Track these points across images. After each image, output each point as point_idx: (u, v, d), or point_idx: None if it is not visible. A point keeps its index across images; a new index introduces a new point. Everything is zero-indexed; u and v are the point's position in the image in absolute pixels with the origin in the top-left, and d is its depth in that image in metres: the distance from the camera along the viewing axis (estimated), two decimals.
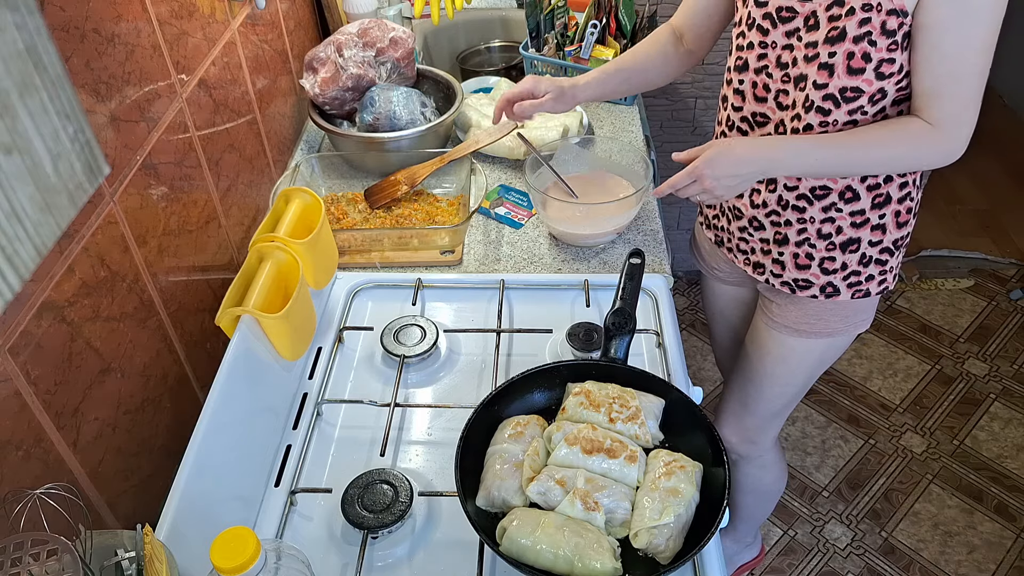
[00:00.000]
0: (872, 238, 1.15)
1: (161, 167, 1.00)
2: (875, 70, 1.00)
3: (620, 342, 1.04)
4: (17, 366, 0.73)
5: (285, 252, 1.08)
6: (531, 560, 0.84)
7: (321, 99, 1.48)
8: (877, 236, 1.15)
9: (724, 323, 1.54)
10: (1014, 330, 2.52)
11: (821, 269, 1.18)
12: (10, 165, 0.33)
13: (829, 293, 1.20)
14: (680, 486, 0.89)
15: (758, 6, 1.07)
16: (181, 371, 1.07)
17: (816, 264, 1.18)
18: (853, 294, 1.19)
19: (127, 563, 0.72)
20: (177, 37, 1.04)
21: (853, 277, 1.18)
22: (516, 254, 1.35)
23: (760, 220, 1.20)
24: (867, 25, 0.97)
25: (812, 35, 1.02)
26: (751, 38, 1.10)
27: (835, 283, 1.19)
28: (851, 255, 1.16)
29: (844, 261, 1.17)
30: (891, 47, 0.98)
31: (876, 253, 1.16)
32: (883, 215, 1.13)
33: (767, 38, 1.08)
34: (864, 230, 1.14)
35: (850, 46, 0.99)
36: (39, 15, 0.34)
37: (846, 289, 1.19)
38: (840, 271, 1.18)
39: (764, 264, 1.24)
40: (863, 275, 1.18)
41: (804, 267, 1.19)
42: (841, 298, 1.20)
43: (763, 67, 1.10)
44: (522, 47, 1.75)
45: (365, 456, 1.05)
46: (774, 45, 1.07)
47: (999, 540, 1.97)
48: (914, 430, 2.24)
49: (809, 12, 1.02)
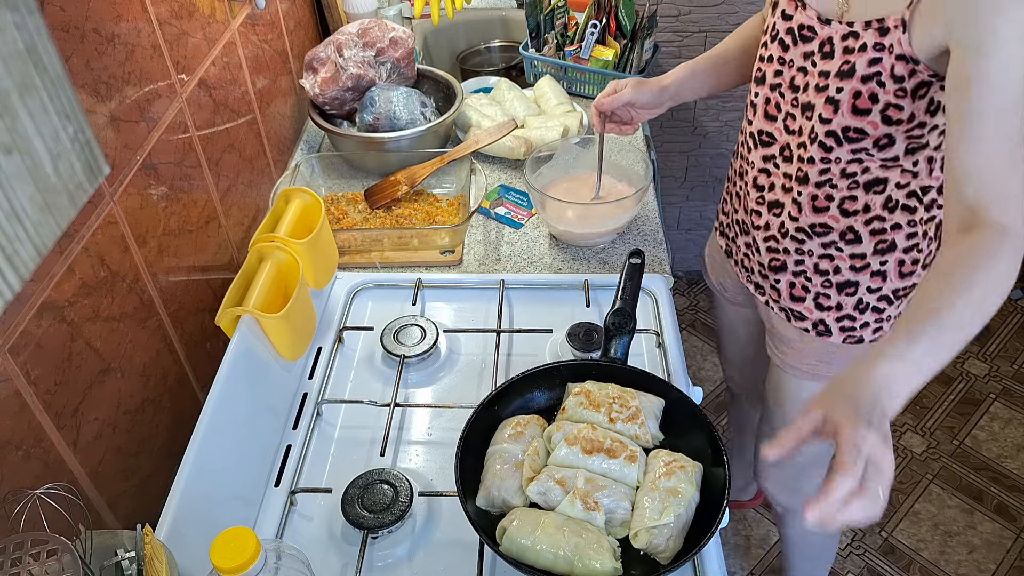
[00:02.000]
0: (871, 284, 1.10)
1: (161, 167, 1.00)
2: (881, 112, 0.94)
3: (620, 342, 1.04)
4: (17, 366, 0.73)
5: (285, 252, 1.08)
6: (531, 560, 0.84)
7: (321, 99, 1.48)
8: (877, 283, 1.09)
9: (733, 341, 1.51)
10: (1014, 330, 2.52)
11: (815, 304, 1.14)
12: (10, 165, 0.33)
13: (820, 331, 1.15)
14: (680, 486, 0.89)
15: (784, 19, 1.03)
16: (181, 371, 1.07)
17: (811, 298, 1.14)
18: (845, 339, 1.14)
19: (127, 563, 0.72)
20: (177, 37, 1.04)
21: (847, 321, 1.13)
22: (516, 254, 1.35)
23: (758, 243, 1.17)
24: (877, 65, 0.92)
25: (826, 64, 0.98)
26: (772, 50, 1.06)
27: (827, 322, 1.14)
28: (847, 297, 1.11)
29: (839, 301, 1.12)
30: (899, 93, 0.92)
31: (874, 300, 1.11)
32: (885, 262, 1.07)
33: (786, 55, 1.04)
34: (863, 274, 1.09)
35: (857, 84, 0.94)
36: (39, 15, 0.34)
37: (838, 332, 1.14)
38: (834, 310, 1.13)
39: (763, 286, 1.21)
40: (858, 321, 1.13)
41: (799, 299, 1.15)
42: (832, 339, 1.15)
43: (777, 84, 1.06)
44: (522, 47, 1.75)
45: (365, 456, 1.05)
46: (791, 64, 1.03)
47: (999, 540, 1.97)
48: (914, 430, 2.24)
49: (826, 37, 0.97)
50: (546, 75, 1.71)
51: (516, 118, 1.59)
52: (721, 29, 2.08)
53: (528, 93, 1.69)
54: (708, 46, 2.11)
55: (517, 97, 1.65)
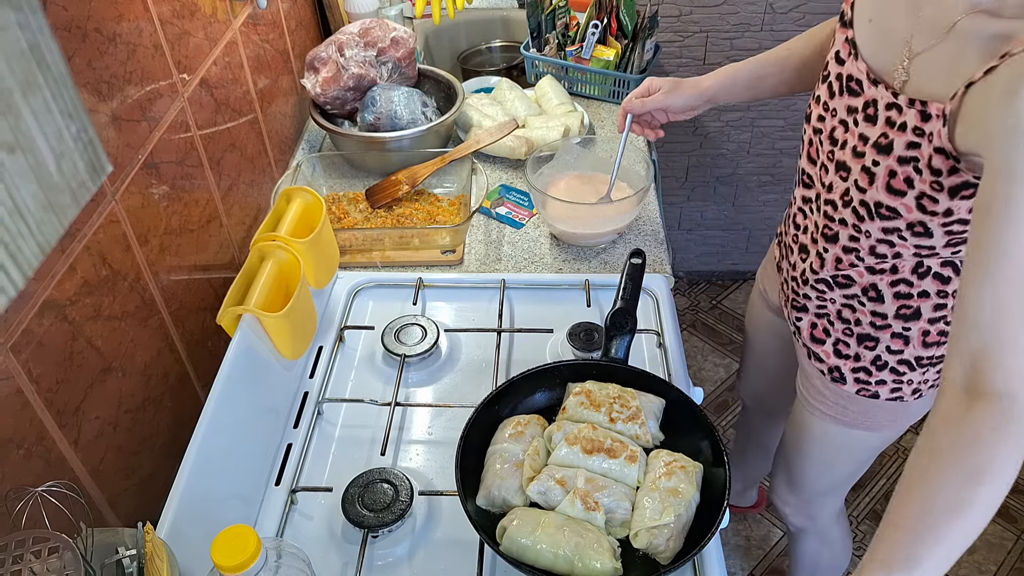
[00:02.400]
0: (892, 345, 1.03)
1: (163, 166, 1.00)
2: (916, 199, 0.86)
3: (621, 342, 1.05)
4: (19, 364, 0.73)
5: (286, 251, 1.08)
6: (531, 560, 0.84)
7: (322, 99, 1.48)
8: (898, 345, 1.02)
9: (759, 347, 1.45)
10: None
11: (834, 350, 1.09)
12: (14, 163, 0.33)
13: (835, 378, 1.10)
14: (680, 486, 0.89)
15: (837, 63, 0.94)
16: (182, 370, 1.07)
17: (831, 343, 1.09)
18: (859, 390, 1.09)
19: (128, 561, 0.73)
20: (179, 37, 1.04)
21: (863, 374, 1.07)
22: (517, 254, 1.35)
23: (796, 283, 1.11)
24: (915, 150, 0.84)
25: (868, 128, 0.90)
26: (821, 92, 0.99)
27: (843, 370, 1.09)
28: (867, 351, 1.05)
29: (858, 352, 1.06)
30: (935, 186, 0.84)
31: (894, 362, 1.04)
32: (908, 328, 1.00)
33: (831, 102, 0.96)
34: (884, 333, 1.02)
35: (894, 164, 0.86)
36: (42, 14, 0.34)
37: (852, 382, 1.09)
38: (852, 360, 1.07)
39: (791, 315, 1.16)
40: (874, 376, 1.07)
41: (819, 341, 1.11)
42: (846, 388, 1.10)
43: (819, 129, 0.99)
44: (523, 47, 1.75)
45: (366, 455, 1.05)
46: (834, 113, 0.95)
47: (1000, 541, 1.97)
48: (914, 430, 2.24)
49: (871, 98, 0.89)
50: (547, 75, 1.71)
51: (517, 118, 1.59)
52: (722, 29, 2.08)
53: (529, 93, 1.69)
54: (709, 46, 2.11)
55: (518, 97, 1.65)
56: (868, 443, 1.19)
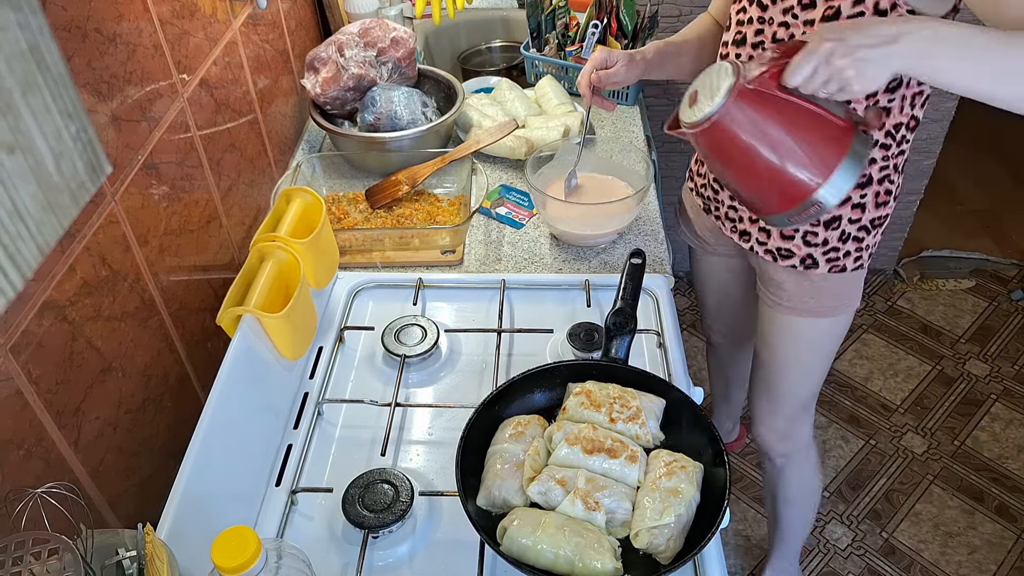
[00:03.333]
0: (852, 216, 1.18)
1: (162, 167, 1.00)
2: None
3: (621, 342, 1.05)
4: (19, 365, 0.73)
5: (286, 252, 1.08)
6: (531, 560, 0.84)
7: (322, 99, 1.48)
8: (857, 215, 1.18)
9: (716, 289, 1.59)
10: (1015, 331, 2.52)
11: (804, 241, 1.22)
12: (13, 164, 0.33)
13: (808, 265, 1.24)
14: (681, 486, 0.89)
15: None
16: (182, 370, 1.07)
17: (799, 236, 1.22)
18: (831, 268, 1.23)
19: (128, 562, 0.72)
20: (179, 37, 1.04)
21: (832, 252, 1.22)
22: (517, 254, 1.35)
23: (733, 207, 1.25)
24: (860, 5, 0.97)
25: (808, 13, 1.02)
26: (751, 13, 1.11)
27: (815, 256, 1.23)
28: (832, 232, 1.20)
29: (825, 237, 1.20)
30: None
31: (855, 231, 1.20)
32: (864, 195, 1.17)
33: (765, 14, 1.09)
34: (845, 208, 1.18)
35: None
36: (41, 15, 0.34)
37: (824, 263, 1.23)
38: (821, 245, 1.21)
39: (750, 232, 1.27)
40: (841, 251, 1.22)
41: (788, 238, 1.23)
42: (819, 271, 1.24)
43: (759, 42, 1.11)
44: (523, 47, 1.75)
45: (366, 456, 1.05)
46: (771, 21, 1.08)
47: (1000, 541, 1.97)
48: (915, 431, 2.24)
49: None
50: (547, 75, 1.71)
51: (517, 118, 1.59)
52: None
53: (529, 93, 1.69)
54: None
55: (518, 97, 1.65)
56: (833, 330, 1.34)
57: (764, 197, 0.98)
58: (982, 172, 3.14)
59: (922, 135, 2.33)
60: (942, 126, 2.31)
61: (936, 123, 2.31)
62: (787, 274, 1.27)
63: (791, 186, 0.93)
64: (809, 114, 0.90)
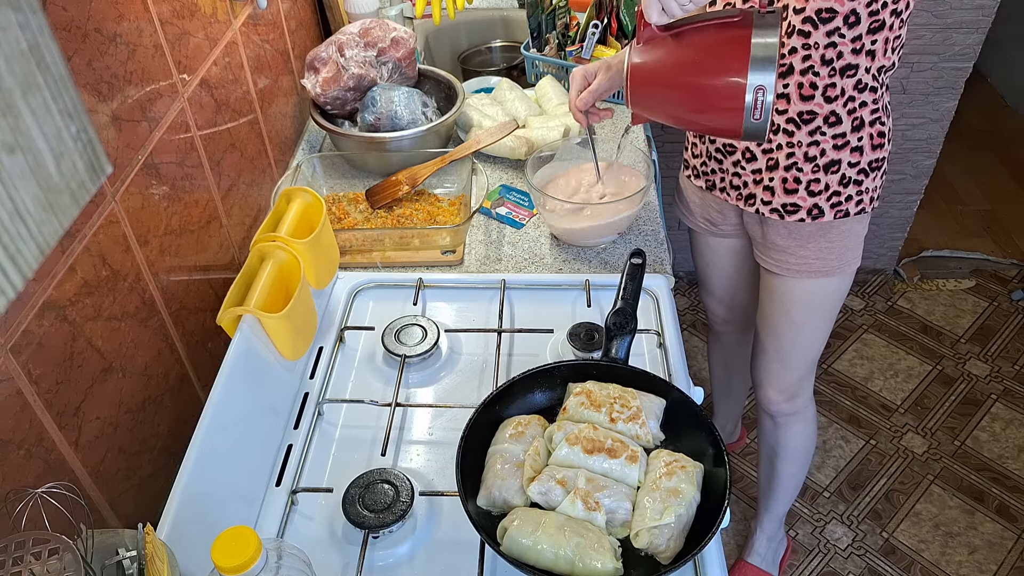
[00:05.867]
0: (851, 159, 1.24)
1: (163, 167, 1.00)
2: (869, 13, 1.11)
3: (621, 342, 1.04)
4: (19, 365, 0.73)
5: (286, 252, 1.08)
6: (532, 560, 0.84)
7: (322, 99, 1.48)
8: (855, 158, 1.24)
9: (720, 273, 1.62)
10: (1015, 331, 2.52)
11: (807, 191, 1.27)
12: (13, 164, 0.33)
13: (815, 215, 1.29)
14: (681, 486, 0.89)
15: (796, 13, 1.13)
16: (182, 370, 1.07)
17: (803, 187, 1.27)
18: (836, 214, 1.28)
19: (128, 562, 0.72)
20: (179, 37, 1.04)
21: (835, 197, 1.27)
22: (517, 254, 1.35)
23: (752, 151, 1.29)
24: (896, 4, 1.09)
25: (855, 31, 1.11)
26: (792, 44, 1.15)
27: (820, 204, 1.28)
28: (832, 176, 1.25)
29: (827, 182, 1.26)
30: None
31: (854, 174, 1.26)
32: (860, 138, 1.23)
33: (809, 40, 1.14)
34: (844, 152, 1.23)
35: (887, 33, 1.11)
36: (42, 14, 0.34)
37: (829, 209, 1.28)
38: (824, 192, 1.26)
39: (755, 194, 1.32)
40: (843, 195, 1.27)
41: (792, 191, 1.28)
42: (825, 218, 1.29)
43: (808, 67, 1.16)
44: (523, 47, 1.75)
45: (366, 456, 1.05)
46: (817, 46, 1.14)
47: (1000, 541, 1.97)
48: (915, 431, 2.24)
49: (849, 11, 1.09)
50: (547, 75, 1.71)
51: (517, 118, 1.59)
52: None
53: (529, 93, 1.69)
54: None
55: (518, 97, 1.65)
56: (840, 288, 1.40)
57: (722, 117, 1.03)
58: (982, 172, 3.14)
59: (922, 135, 2.33)
60: (942, 126, 2.31)
61: (936, 123, 2.31)
62: (793, 237, 1.32)
63: (730, 92, 0.99)
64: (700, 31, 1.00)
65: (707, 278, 1.67)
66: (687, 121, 1.11)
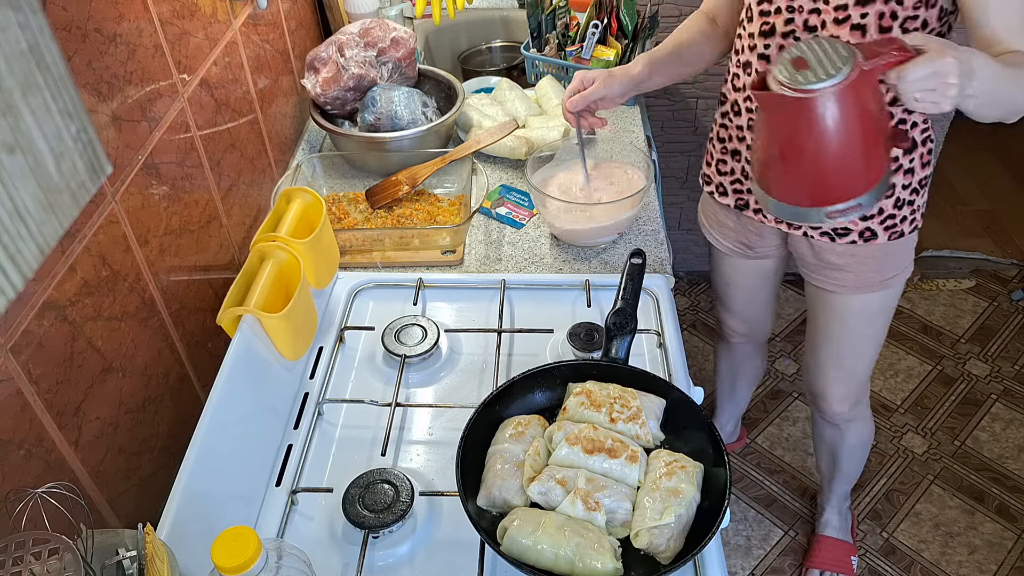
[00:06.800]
0: (904, 182, 1.22)
1: (163, 167, 1.00)
2: (900, 26, 1.06)
3: (621, 342, 1.04)
4: (19, 365, 0.73)
5: (286, 252, 1.08)
6: (532, 560, 0.84)
7: (322, 99, 1.48)
8: (908, 179, 1.22)
9: (744, 292, 1.60)
10: (1015, 331, 2.52)
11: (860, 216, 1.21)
12: (13, 164, 0.33)
13: (867, 238, 1.26)
14: (681, 486, 0.89)
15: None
16: (182, 370, 1.07)
17: None
18: (890, 236, 1.26)
19: (128, 562, 0.72)
20: (179, 37, 1.04)
21: (889, 220, 1.25)
22: (517, 254, 1.35)
23: None
24: None
25: None
26: (778, 3, 1.13)
27: (872, 227, 1.25)
28: (886, 200, 1.23)
29: (881, 207, 1.23)
30: (916, 5, 1.04)
31: (907, 195, 1.23)
32: (912, 159, 1.21)
33: (794, 3, 1.11)
34: (898, 175, 1.21)
35: (880, 6, 1.04)
36: (42, 14, 0.34)
37: (883, 232, 1.25)
38: (877, 216, 1.24)
39: None
40: (897, 217, 1.24)
41: None
42: (879, 241, 1.26)
43: (790, 31, 1.14)
44: (523, 47, 1.75)
45: (366, 456, 1.05)
46: (800, 9, 1.11)
47: (1000, 541, 1.97)
48: (915, 431, 2.24)
49: None
50: (547, 75, 1.71)
51: (517, 118, 1.59)
52: None
53: (529, 93, 1.69)
54: None
55: (518, 97, 1.65)
56: (896, 295, 1.38)
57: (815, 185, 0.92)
58: (982, 172, 3.13)
59: None
60: (942, 126, 2.31)
61: (936, 123, 2.30)
62: (850, 254, 1.29)
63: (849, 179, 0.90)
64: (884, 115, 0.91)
65: (728, 297, 1.64)
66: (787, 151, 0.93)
